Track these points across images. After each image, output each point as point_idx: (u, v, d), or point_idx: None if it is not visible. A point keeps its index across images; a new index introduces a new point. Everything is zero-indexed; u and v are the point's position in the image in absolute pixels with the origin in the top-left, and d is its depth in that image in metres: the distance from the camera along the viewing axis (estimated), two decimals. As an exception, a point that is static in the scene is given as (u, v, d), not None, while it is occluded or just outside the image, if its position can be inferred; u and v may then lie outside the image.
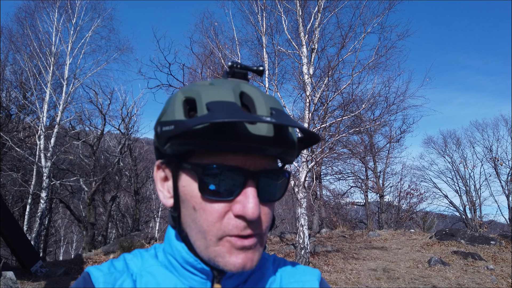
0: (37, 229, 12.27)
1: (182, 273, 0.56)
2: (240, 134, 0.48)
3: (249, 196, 0.49)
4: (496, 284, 6.52)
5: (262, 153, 0.50)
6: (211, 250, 0.51)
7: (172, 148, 0.51)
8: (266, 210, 0.53)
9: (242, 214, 0.49)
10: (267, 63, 9.11)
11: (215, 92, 0.50)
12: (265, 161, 0.52)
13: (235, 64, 0.56)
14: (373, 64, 8.89)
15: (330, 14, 9.20)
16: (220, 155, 0.50)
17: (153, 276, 0.57)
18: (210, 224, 0.50)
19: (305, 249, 7.65)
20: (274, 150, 0.50)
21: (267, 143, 0.49)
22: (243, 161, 0.50)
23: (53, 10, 13.70)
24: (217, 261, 0.51)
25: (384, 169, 19.22)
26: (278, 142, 0.50)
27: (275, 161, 0.55)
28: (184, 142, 0.49)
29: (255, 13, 9.29)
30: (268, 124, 0.49)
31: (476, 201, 21.55)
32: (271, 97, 0.54)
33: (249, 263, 0.51)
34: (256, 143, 0.48)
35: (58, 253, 26.52)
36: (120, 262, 0.60)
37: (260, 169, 0.51)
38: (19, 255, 7.48)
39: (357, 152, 15.27)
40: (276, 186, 0.54)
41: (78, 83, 13.99)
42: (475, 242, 9.60)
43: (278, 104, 0.53)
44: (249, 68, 0.57)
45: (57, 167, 15.75)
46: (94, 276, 0.56)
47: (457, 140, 23.62)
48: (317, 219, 15.99)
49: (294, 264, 0.68)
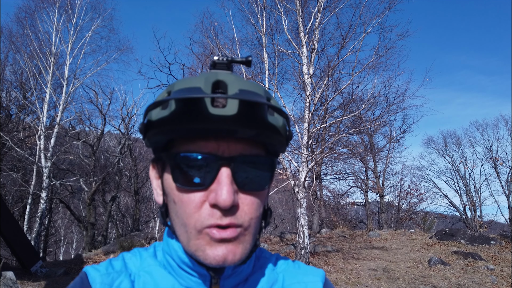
0: (37, 229, 12.28)
1: (179, 273, 0.55)
2: (203, 116, 0.46)
3: (221, 183, 0.47)
4: (496, 284, 6.52)
5: (232, 135, 0.48)
6: (192, 244, 0.50)
7: (150, 141, 0.52)
8: (250, 199, 0.51)
9: (215, 202, 0.47)
10: (267, 63, 9.11)
11: (187, 81, 0.50)
12: (241, 146, 0.50)
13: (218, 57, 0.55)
14: (373, 64, 8.90)
15: (330, 14, 9.21)
16: (192, 143, 0.49)
17: (151, 276, 0.56)
18: (189, 216, 0.49)
19: (305, 249, 7.65)
20: (245, 132, 0.48)
21: (235, 124, 0.47)
22: (215, 147, 0.49)
23: (53, 10, 13.72)
24: (198, 255, 0.49)
25: (384, 169, 19.22)
26: (248, 123, 0.47)
27: (256, 148, 0.52)
28: (155, 132, 0.50)
29: (255, 13, 9.30)
30: (232, 103, 0.46)
31: (476, 201, 21.55)
32: (249, 82, 0.52)
33: (231, 256, 0.49)
34: (221, 124, 0.46)
35: (58, 253, 26.52)
36: (119, 262, 0.59)
37: (235, 155, 0.49)
38: (19, 255, 7.48)
39: (357, 152, 15.27)
40: (259, 174, 0.51)
41: (78, 83, 13.99)
42: (475, 242, 9.60)
43: (254, 87, 0.51)
44: (234, 60, 0.55)
45: (57, 167, 15.75)
46: (91, 276, 0.56)
47: (457, 140, 23.63)
48: (317, 219, 15.98)
49: (298, 263, 0.66)
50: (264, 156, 0.53)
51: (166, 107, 0.49)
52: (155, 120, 0.50)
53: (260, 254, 0.64)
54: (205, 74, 0.51)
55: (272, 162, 0.53)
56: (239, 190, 0.50)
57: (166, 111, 0.48)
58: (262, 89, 0.52)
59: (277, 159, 0.55)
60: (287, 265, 0.64)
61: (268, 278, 0.60)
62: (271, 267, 0.62)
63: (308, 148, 8.53)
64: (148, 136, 0.51)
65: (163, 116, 0.48)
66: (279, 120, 0.52)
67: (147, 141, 0.53)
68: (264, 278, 0.60)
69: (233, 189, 0.48)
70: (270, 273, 0.61)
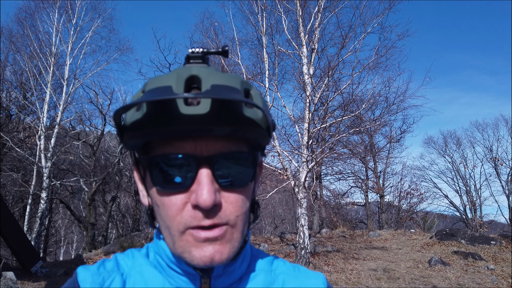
0: (37, 230, 12.28)
1: (169, 273, 0.55)
2: (175, 117, 0.45)
3: (201, 184, 0.46)
4: (496, 284, 6.52)
5: (208, 134, 0.47)
6: (177, 246, 0.49)
7: (127, 145, 0.51)
8: (233, 197, 0.50)
9: (195, 203, 0.46)
10: (267, 63, 9.11)
11: (159, 80, 0.48)
12: (220, 144, 0.48)
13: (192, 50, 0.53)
14: (373, 64, 8.91)
15: (330, 14, 9.21)
16: (169, 145, 0.48)
17: (142, 275, 0.56)
18: (171, 219, 0.48)
19: (305, 249, 7.65)
20: (222, 130, 0.46)
21: (209, 123, 0.45)
22: (193, 147, 0.47)
23: (53, 11, 13.72)
24: (184, 257, 0.49)
25: (384, 169, 19.21)
26: (224, 120, 0.46)
27: (238, 144, 0.50)
28: (130, 136, 0.49)
29: (255, 13, 9.31)
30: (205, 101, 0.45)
31: (477, 201, 21.54)
32: (225, 74, 0.49)
33: (218, 256, 0.48)
34: (195, 124, 0.45)
35: (59, 254, 26.51)
36: (111, 262, 0.59)
37: (214, 153, 0.48)
38: (19, 256, 7.48)
39: (357, 152, 15.26)
40: (242, 170, 0.50)
41: (78, 83, 14.00)
42: (475, 242, 9.60)
43: (230, 81, 0.48)
44: (208, 51, 0.53)
45: (57, 167, 15.75)
46: (80, 277, 0.55)
47: (457, 140, 23.63)
48: (317, 219, 15.98)
49: (297, 267, 0.64)
50: (246, 151, 0.51)
51: (140, 109, 0.47)
52: (129, 123, 0.48)
53: (256, 254, 0.63)
54: (178, 70, 0.49)
55: (254, 157, 0.52)
56: (222, 189, 0.49)
57: (139, 113, 0.47)
58: (238, 81, 0.50)
59: (259, 153, 0.54)
60: (286, 267, 0.63)
61: (265, 279, 0.59)
62: (268, 268, 0.61)
63: (308, 148, 8.53)
64: (124, 140, 0.50)
65: (136, 119, 0.47)
66: (258, 112, 0.49)
67: (124, 144, 0.51)
68: (260, 278, 0.58)
69: (214, 189, 0.47)
70: (267, 274, 0.60)
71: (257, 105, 0.45)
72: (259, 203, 0.59)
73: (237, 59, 9.22)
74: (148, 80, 0.50)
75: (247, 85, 0.52)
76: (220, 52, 0.54)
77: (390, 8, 8.83)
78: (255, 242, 11.54)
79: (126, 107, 0.45)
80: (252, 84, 0.54)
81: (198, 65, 0.52)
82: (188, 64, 0.52)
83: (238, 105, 0.47)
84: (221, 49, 0.55)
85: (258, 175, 0.59)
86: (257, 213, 0.58)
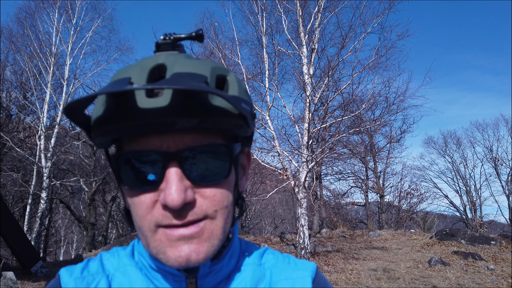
0: (37, 229, 12.29)
1: (153, 274, 0.52)
2: (134, 111, 0.42)
3: (169, 182, 0.43)
4: (496, 284, 6.52)
5: (171, 127, 0.43)
6: (151, 247, 0.46)
7: (95, 143, 0.47)
8: (210, 191, 0.46)
9: (164, 203, 0.43)
10: (267, 63, 9.11)
11: (122, 72, 0.45)
12: (189, 138, 0.45)
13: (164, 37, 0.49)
14: (373, 64, 8.91)
15: (330, 14, 9.21)
16: (134, 141, 0.45)
17: (126, 277, 0.53)
18: (142, 218, 0.45)
19: (305, 249, 7.66)
20: (187, 122, 0.42)
21: (171, 115, 0.41)
22: (158, 143, 0.44)
23: (53, 11, 13.73)
24: (159, 258, 0.45)
25: (384, 169, 19.22)
26: (188, 112, 0.42)
27: (210, 136, 0.46)
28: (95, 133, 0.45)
29: (255, 13, 9.31)
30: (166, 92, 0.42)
31: (477, 201, 21.54)
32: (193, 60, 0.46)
33: (194, 255, 0.44)
34: (156, 117, 0.41)
35: (59, 254, 26.52)
36: (96, 263, 0.56)
37: (182, 148, 0.44)
38: (19, 255, 7.49)
39: (357, 152, 15.27)
40: (215, 164, 0.46)
41: (78, 83, 14.00)
42: (475, 242, 9.60)
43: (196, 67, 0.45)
44: (179, 37, 0.49)
45: (57, 167, 15.76)
46: (64, 281, 0.53)
47: (457, 140, 23.63)
48: (318, 219, 15.98)
49: (287, 257, 0.60)
50: (219, 144, 0.47)
51: (103, 104, 0.44)
52: (93, 120, 0.45)
53: (246, 248, 0.60)
54: (144, 60, 0.46)
55: (229, 149, 0.47)
56: (194, 185, 0.45)
57: (101, 108, 0.44)
58: (209, 67, 0.46)
59: (238, 144, 0.49)
60: (276, 260, 0.59)
61: (253, 274, 0.55)
62: (258, 262, 0.58)
63: (308, 148, 8.53)
64: (92, 138, 0.47)
65: (98, 115, 0.44)
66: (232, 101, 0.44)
67: (93, 143, 0.48)
68: (248, 275, 0.55)
69: (184, 186, 0.43)
70: (255, 269, 0.56)
71: (221, 94, 0.40)
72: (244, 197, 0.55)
73: (237, 59, 9.22)
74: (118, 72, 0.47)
75: (222, 71, 0.48)
76: (193, 36, 0.50)
77: (390, 8, 8.84)
78: (255, 242, 11.55)
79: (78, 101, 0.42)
80: (230, 70, 0.50)
81: (166, 52, 0.47)
82: (158, 52, 0.48)
83: (204, 94, 0.43)
84: (194, 33, 0.50)
85: (245, 167, 0.57)
86: (242, 207, 0.54)
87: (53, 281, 0.55)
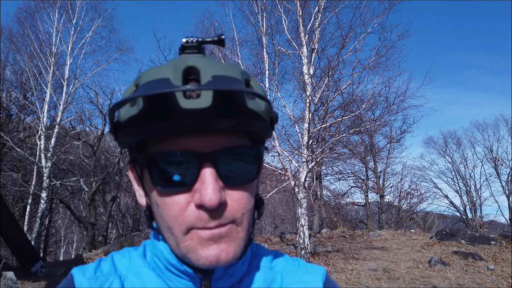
0: (37, 229, 12.28)
1: (167, 275, 0.52)
2: (174, 111, 0.42)
3: (205, 182, 0.44)
4: (496, 284, 6.52)
5: (210, 128, 0.43)
6: (182, 246, 0.46)
7: (122, 143, 0.48)
8: (238, 194, 0.47)
9: (200, 203, 0.44)
10: (267, 63, 9.11)
11: (154, 72, 0.45)
12: (223, 139, 0.45)
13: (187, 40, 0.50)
14: (373, 64, 8.91)
15: (330, 14, 9.21)
16: (167, 142, 0.45)
17: (139, 278, 0.53)
18: (174, 219, 0.46)
19: (305, 249, 7.65)
20: (224, 123, 0.43)
21: (211, 116, 0.42)
22: (193, 143, 0.45)
23: (53, 11, 13.72)
24: (190, 257, 0.46)
25: (385, 169, 19.23)
26: (226, 113, 0.43)
27: (240, 137, 0.48)
28: (125, 133, 0.46)
29: (255, 13, 9.31)
30: (206, 93, 0.42)
31: (477, 201, 21.54)
32: (224, 64, 0.47)
33: (224, 255, 0.46)
34: (196, 118, 0.42)
35: (59, 253, 26.51)
36: (108, 263, 0.56)
37: (217, 149, 0.45)
38: (19, 255, 7.49)
39: (357, 152, 15.26)
40: (245, 166, 0.47)
41: (79, 83, 13.99)
42: (475, 242, 9.60)
43: (230, 71, 0.46)
44: (204, 40, 0.50)
45: (57, 167, 15.76)
46: (77, 281, 0.53)
47: (457, 140, 23.63)
48: (318, 219, 15.98)
49: (298, 261, 0.61)
50: (249, 146, 0.49)
51: (135, 104, 0.44)
52: (124, 120, 0.46)
53: (257, 251, 0.61)
54: (174, 61, 0.46)
55: (258, 152, 0.49)
56: (226, 186, 0.46)
57: (135, 109, 0.44)
58: (238, 70, 0.47)
59: (263, 147, 0.51)
60: (286, 263, 0.60)
61: (265, 277, 0.56)
62: (269, 265, 0.58)
63: (308, 148, 8.53)
64: (119, 138, 0.47)
65: (131, 115, 0.44)
66: (261, 104, 0.47)
67: (118, 142, 0.49)
68: (260, 278, 0.56)
69: (219, 187, 0.44)
70: (267, 272, 0.57)
71: (263, 96, 0.42)
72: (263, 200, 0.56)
73: (237, 59, 9.22)
74: (141, 73, 0.47)
75: (247, 75, 0.49)
76: (216, 41, 0.51)
77: (390, 8, 8.84)
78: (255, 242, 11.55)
79: (123, 102, 0.42)
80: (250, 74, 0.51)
81: (194, 55, 0.48)
82: (184, 54, 0.49)
83: (241, 96, 0.44)
84: (217, 38, 0.51)
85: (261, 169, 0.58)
86: (261, 210, 0.55)
87: (65, 281, 0.55)
